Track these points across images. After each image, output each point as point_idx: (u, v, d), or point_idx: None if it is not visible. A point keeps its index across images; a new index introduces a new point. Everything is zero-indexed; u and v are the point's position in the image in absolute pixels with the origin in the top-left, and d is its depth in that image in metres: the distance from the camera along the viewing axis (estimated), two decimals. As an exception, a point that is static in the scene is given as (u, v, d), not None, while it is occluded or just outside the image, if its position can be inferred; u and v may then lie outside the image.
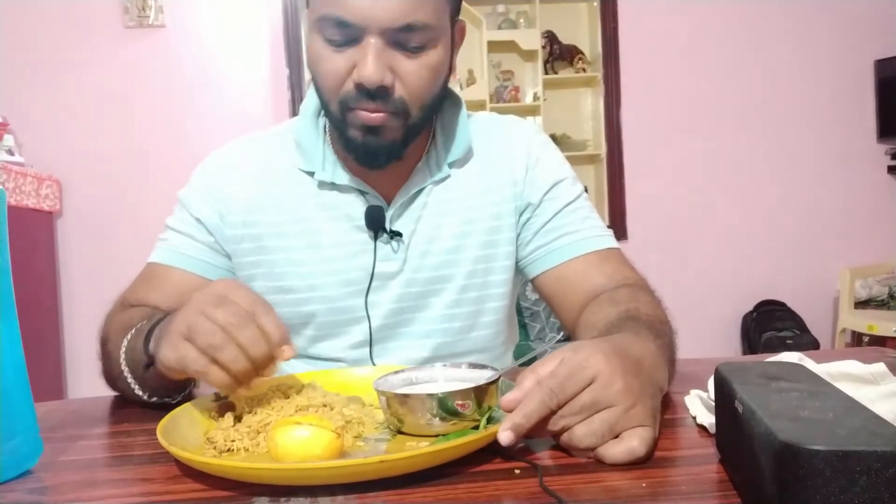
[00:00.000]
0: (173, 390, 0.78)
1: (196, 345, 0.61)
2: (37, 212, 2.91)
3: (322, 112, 0.91)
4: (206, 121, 3.10)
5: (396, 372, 0.67)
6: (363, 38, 0.77)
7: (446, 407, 0.58)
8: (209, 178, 0.95)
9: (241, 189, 0.93)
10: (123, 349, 0.77)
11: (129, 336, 0.78)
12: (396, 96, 0.80)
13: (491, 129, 0.98)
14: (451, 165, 0.93)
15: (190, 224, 0.93)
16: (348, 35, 0.78)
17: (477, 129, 0.96)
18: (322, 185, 0.92)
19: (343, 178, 0.90)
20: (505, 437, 0.53)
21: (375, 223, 0.89)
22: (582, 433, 0.53)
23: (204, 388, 0.76)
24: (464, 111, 0.95)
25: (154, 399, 0.79)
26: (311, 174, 0.92)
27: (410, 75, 0.80)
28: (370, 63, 0.77)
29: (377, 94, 0.79)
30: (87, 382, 3.04)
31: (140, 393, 0.78)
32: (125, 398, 0.84)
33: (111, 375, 0.83)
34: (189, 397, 0.79)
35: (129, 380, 0.77)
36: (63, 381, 3.08)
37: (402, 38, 0.78)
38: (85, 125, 3.12)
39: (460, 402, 0.58)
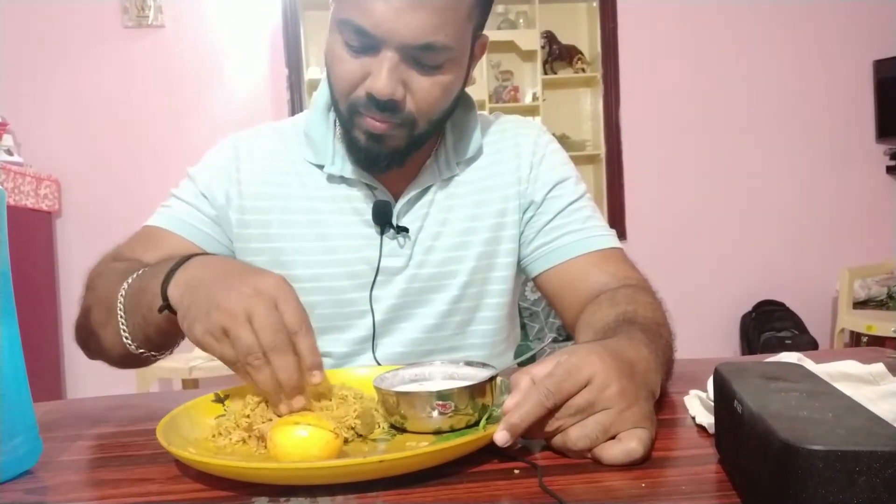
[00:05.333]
0: (166, 346, 0.77)
1: (235, 349, 0.60)
2: (36, 212, 2.91)
3: (333, 106, 0.91)
4: (205, 121, 3.10)
5: (394, 370, 0.68)
6: (381, 49, 0.78)
7: (447, 403, 0.58)
8: (224, 159, 0.95)
9: (253, 174, 0.93)
10: (123, 292, 0.75)
11: (131, 279, 0.75)
12: (406, 110, 0.81)
13: (497, 129, 0.99)
14: (459, 164, 0.94)
15: (196, 196, 0.93)
16: (366, 43, 0.78)
17: (484, 128, 0.97)
18: (331, 178, 0.93)
19: (352, 171, 0.91)
20: (500, 437, 0.53)
21: (382, 218, 0.90)
22: (576, 435, 0.54)
23: (204, 387, 0.76)
24: (475, 112, 0.96)
25: (140, 351, 0.76)
26: (321, 167, 0.92)
27: (422, 92, 0.81)
28: (383, 77, 0.78)
29: (387, 106, 0.80)
30: (86, 382, 3.04)
31: (128, 341, 0.76)
32: (95, 350, 0.82)
33: (96, 321, 0.80)
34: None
35: (122, 326, 0.75)
36: (62, 381, 3.08)
37: (419, 56, 0.79)
38: (84, 125, 3.12)
39: (459, 399, 0.59)
